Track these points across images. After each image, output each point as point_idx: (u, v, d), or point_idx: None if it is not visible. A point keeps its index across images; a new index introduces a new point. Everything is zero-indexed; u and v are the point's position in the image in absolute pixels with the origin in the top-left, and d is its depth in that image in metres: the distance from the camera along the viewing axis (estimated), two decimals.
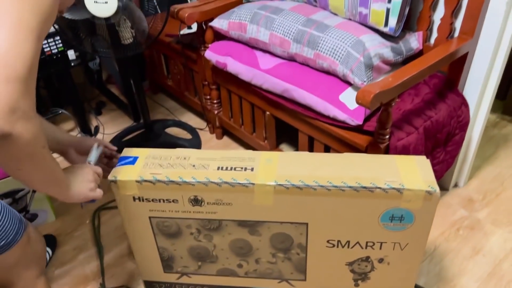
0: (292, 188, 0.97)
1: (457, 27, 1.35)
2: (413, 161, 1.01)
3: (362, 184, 0.95)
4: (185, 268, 1.22)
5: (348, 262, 1.10)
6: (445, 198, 1.65)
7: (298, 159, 1.05)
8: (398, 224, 1.00)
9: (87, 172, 0.91)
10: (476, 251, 1.43)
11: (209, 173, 1.01)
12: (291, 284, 1.21)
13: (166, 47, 2.00)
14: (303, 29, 1.37)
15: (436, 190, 0.94)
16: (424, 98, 1.37)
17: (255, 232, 1.09)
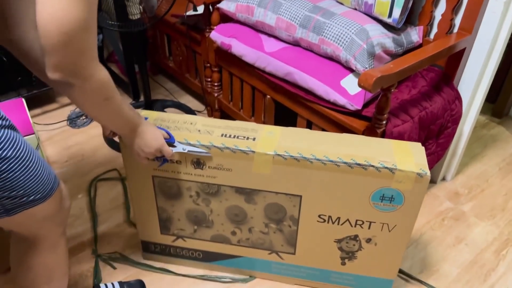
0: (290, 159, 1.02)
1: (456, 24, 1.41)
2: (408, 146, 1.07)
3: (357, 161, 1.00)
4: (181, 231, 1.27)
5: (337, 239, 1.15)
6: (433, 190, 1.71)
7: (299, 134, 1.10)
8: (388, 205, 1.05)
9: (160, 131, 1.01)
10: (459, 240, 1.50)
11: (213, 138, 1.07)
12: (280, 257, 1.25)
13: (171, 28, 2.02)
14: (309, 15, 1.42)
15: (427, 173, 0.98)
16: (421, 90, 1.43)
17: (251, 200, 1.13)
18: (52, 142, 1.89)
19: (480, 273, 1.38)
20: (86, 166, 1.75)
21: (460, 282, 1.35)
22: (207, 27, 1.79)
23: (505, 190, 1.73)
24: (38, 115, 2.06)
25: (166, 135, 1.04)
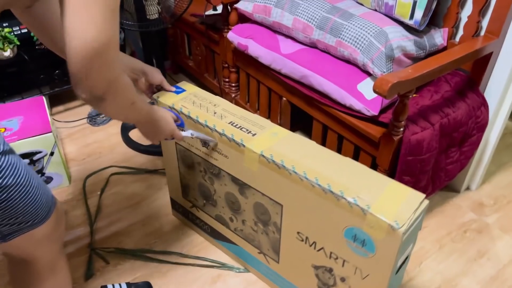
0: (272, 164, 1.00)
1: (483, 26, 1.33)
2: (406, 192, 0.91)
3: (332, 188, 0.92)
4: (195, 200, 1.36)
5: (314, 265, 1.09)
6: (456, 200, 1.63)
7: (301, 144, 1.06)
8: (360, 248, 0.94)
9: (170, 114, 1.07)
10: (481, 254, 1.42)
11: (220, 123, 1.11)
12: (267, 260, 1.24)
13: (190, 27, 2.01)
14: (327, 16, 1.37)
15: (400, 227, 0.83)
16: (444, 95, 1.36)
17: (243, 193, 1.15)
18: (71, 140, 1.92)
19: None
20: (102, 164, 1.77)
21: None
22: (225, 27, 1.77)
23: None
24: (60, 112, 2.09)
25: (176, 118, 1.13)
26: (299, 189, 0.98)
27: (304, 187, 0.97)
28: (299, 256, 1.11)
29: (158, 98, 1.22)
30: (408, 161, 1.23)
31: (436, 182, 1.42)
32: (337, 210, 0.93)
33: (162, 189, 1.65)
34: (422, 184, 1.34)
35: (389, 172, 1.28)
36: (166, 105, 1.20)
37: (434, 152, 1.28)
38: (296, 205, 1.02)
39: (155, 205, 1.58)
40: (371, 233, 0.89)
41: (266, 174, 1.04)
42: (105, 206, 1.58)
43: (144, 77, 1.17)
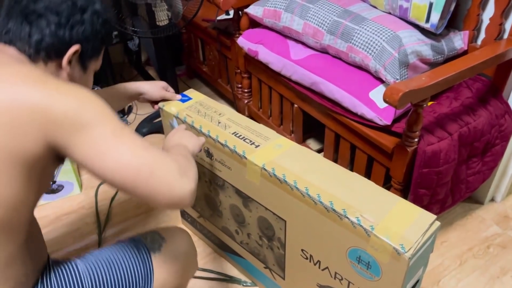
0: (274, 178, 0.96)
1: (506, 29, 1.24)
2: (416, 212, 0.85)
3: (334, 206, 0.86)
4: (202, 211, 1.33)
5: (319, 284, 1.03)
6: (479, 212, 1.54)
7: (305, 157, 1.01)
8: (364, 270, 0.87)
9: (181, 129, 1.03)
10: (505, 271, 1.33)
11: (223, 133, 1.08)
12: (273, 276, 1.19)
13: (203, 32, 1.99)
14: (338, 20, 1.31)
15: (406, 252, 0.77)
16: (464, 103, 1.27)
17: (247, 206, 1.11)
18: None
19: None
20: None
21: None
22: (236, 32, 1.73)
23: None
24: None
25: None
26: (302, 206, 0.93)
27: (306, 203, 0.92)
28: (305, 274, 1.06)
29: (164, 107, 1.19)
30: (424, 174, 1.16)
31: (456, 194, 1.33)
32: (340, 229, 0.87)
33: None
34: (440, 196, 1.26)
35: (404, 184, 1.21)
36: (171, 114, 1.17)
37: (453, 163, 1.20)
38: (299, 221, 0.97)
39: (164, 214, 1.56)
40: (376, 256, 0.83)
41: (268, 188, 1.00)
42: (114, 215, 1.57)
43: (141, 97, 1.17)
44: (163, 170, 0.69)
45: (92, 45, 0.80)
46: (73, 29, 0.76)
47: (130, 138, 0.70)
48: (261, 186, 1.01)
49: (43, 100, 0.65)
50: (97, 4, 0.80)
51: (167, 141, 0.97)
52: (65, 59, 0.76)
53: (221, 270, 1.35)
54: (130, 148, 0.69)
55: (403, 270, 0.79)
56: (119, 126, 0.69)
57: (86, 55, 0.80)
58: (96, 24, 0.79)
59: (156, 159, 0.70)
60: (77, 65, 0.80)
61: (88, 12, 0.78)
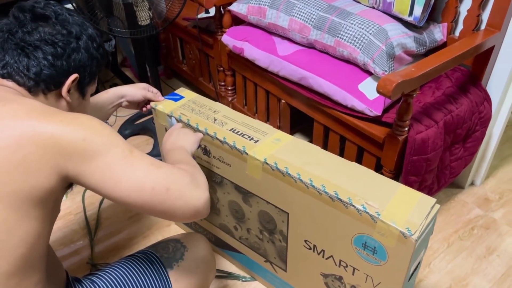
0: (277, 171, 0.97)
1: (484, 20, 1.31)
2: (416, 197, 0.88)
3: (339, 195, 0.89)
4: None
5: (322, 273, 1.05)
6: (461, 196, 1.61)
7: (305, 149, 1.03)
8: (370, 256, 0.90)
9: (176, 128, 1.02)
10: (491, 251, 1.40)
11: (221, 130, 1.08)
12: (274, 269, 1.20)
13: (183, 31, 1.98)
14: (324, 16, 1.34)
15: (412, 235, 0.80)
16: (446, 92, 1.33)
17: (247, 201, 1.12)
18: None
19: None
20: None
21: None
22: (219, 30, 1.73)
23: None
24: None
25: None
26: (305, 197, 0.95)
27: (310, 194, 0.94)
28: (307, 264, 1.08)
29: (156, 107, 1.18)
30: (414, 161, 1.20)
31: (441, 180, 1.39)
32: (345, 217, 0.90)
33: None
34: (428, 183, 1.32)
35: (395, 173, 1.25)
36: (164, 113, 1.16)
37: (439, 150, 1.26)
38: (303, 213, 0.99)
39: None
40: (382, 241, 0.86)
41: (270, 182, 1.01)
42: (104, 219, 1.54)
43: (125, 99, 1.17)
44: (177, 184, 0.71)
45: (89, 71, 0.81)
46: (70, 58, 0.76)
47: (140, 158, 0.71)
48: (262, 180, 1.03)
49: (52, 133, 0.66)
50: (90, 28, 0.80)
51: (164, 144, 0.97)
52: (65, 89, 0.77)
53: (219, 267, 1.35)
54: (142, 169, 0.70)
55: (410, 253, 0.83)
56: (127, 149, 0.70)
57: (84, 82, 0.81)
58: (91, 49, 0.80)
59: (169, 175, 0.71)
60: (76, 92, 0.81)
61: (83, 39, 0.78)
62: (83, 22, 0.80)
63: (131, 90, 1.17)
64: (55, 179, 0.66)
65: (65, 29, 0.76)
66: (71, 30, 0.76)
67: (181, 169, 0.75)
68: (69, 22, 0.77)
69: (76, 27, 0.77)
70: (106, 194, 0.69)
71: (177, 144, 0.94)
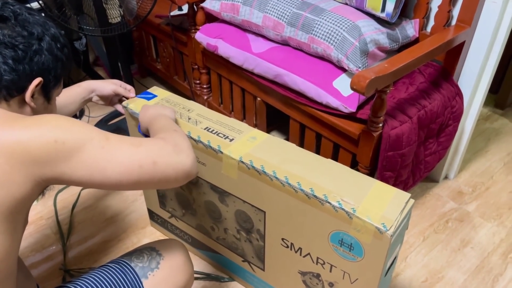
0: (253, 170, 0.96)
1: (454, 15, 1.32)
2: (391, 192, 0.89)
3: (315, 192, 0.88)
4: (174, 210, 1.30)
5: (300, 271, 1.05)
6: (435, 189, 1.63)
7: (280, 147, 1.02)
8: (347, 252, 0.90)
9: (150, 105, 1.03)
10: (465, 244, 1.42)
11: (195, 129, 1.06)
12: (252, 268, 1.20)
13: (156, 29, 1.94)
14: (297, 12, 1.33)
15: (388, 230, 0.80)
16: (419, 87, 1.34)
17: (223, 201, 1.10)
18: None
19: (487, 278, 1.31)
20: None
21: None
22: (192, 28, 1.70)
23: (511, 186, 1.65)
24: None
25: None
26: (282, 195, 0.94)
27: (286, 192, 0.93)
28: (285, 262, 1.07)
29: (128, 105, 1.15)
30: (389, 157, 1.21)
31: (416, 175, 1.41)
32: (321, 214, 0.89)
33: (137, 200, 1.57)
34: (403, 178, 1.33)
35: (370, 169, 1.25)
36: (136, 112, 1.13)
37: (413, 145, 1.27)
38: (280, 211, 0.98)
39: (131, 218, 1.51)
40: (358, 237, 0.86)
41: (246, 180, 1.00)
42: (77, 223, 1.49)
43: (95, 93, 1.15)
44: (162, 156, 0.72)
45: (54, 74, 0.76)
46: (32, 61, 0.71)
47: (119, 142, 0.70)
48: (239, 179, 1.01)
49: (19, 140, 0.62)
50: (53, 28, 0.76)
51: (143, 117, 0.97)
52: (28, 94, 0.72)
53: (198, 269, 1.33)
54: (124, 152, 0.70)
55: (385, 248, 0.83)
56: (103, 137, 0.69)
57: (49, 86, 0.77)
58: (55, 51, 0.75)
59: (150, 150, 0.72)
60: (40, 97, 0.77)
61: (45, 40, 0.73)
62: (45, 22, 0.75)
63: (101, 85, 1.15)
64: (30, 187, 0.64)
65: (26, 30, 0.71)
66: (32, 31, 0.72)
67: (161, 139, 0.76)
68: (30, 22, 0.72)
69: (38, 27, 0.73)
70: (96, 185, 0.69)
71: (158, 113, 0.96)
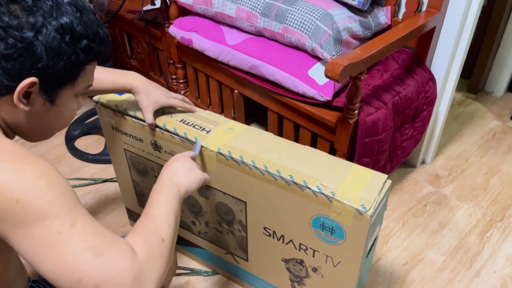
0: (231, 160, 0.96)
1: (425, 2, 1.34)
2: (368, 175, 0.90)
3: (294, 179, 0.88)
4: None
5: (284, 258, 1.06)
6: (413, 174, 1.66)
7: (258, 137, 1.02)
8: (329, 236, 0.91)
9: (181, 158, 0.87)
10: (443, 225, 1.45)
11: (170, 121, 1.04)
12: (235, 260, 1.20)
13: (129, 25, 1.91)
14: (270, 2, 1.33)
15: (367, 211, 0.82)
16: (393, 74, 1.36)
17: (203, 194, 1.10)
18: None
19: (465, 258, 1.34)
20: None
21: (446, 270, 1.31)
22: (166, 22, 1.68)
23: (486, 168, 1.69)
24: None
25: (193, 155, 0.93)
26: (262, 184, 0.94)
27: (266, 181, 0.93)
28: (268, 251, 1.08)
29: (100, 100, 1.11)
30: (366, 143, 1.22)
31: (393, 161, 1.43)
32: (302, 200, 0.90)
33: (117, 198, 1.55)
34: (381, 164, 1.35)
35: (348, 156, 1.27)
36: (109, 107, 1.11)
37: (390, 131, 1.29)
38: (260, 200, 0.98)
39: (111, 216, 1.49)
40: (339, 220, 0.87)
41: (225, 172, 0.99)
42: None
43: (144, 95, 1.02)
44: (112, 285, 0.56)
45: (56, 73, 0.62)
46: (22, 57, 0.59)
47: (80, 237, 0.57)
48: (217, 171, 1.01)
49: None
50: (66, 16, 0.61)
51: (163, 170, 0.84)
52: (15, 97, 0.61)
53: (181, 264, 1.32)
54: (76, 252, 0.56)
55: (366, 229, 0.84)
56: (69, 222, 0.57)
57: (50, 86, 0.64)
58: (58, 45, 0.61)
59: (105, 270, 0.57)
60: (40, 98, 0.64)
61: (44, 32, 0.59)
62: (59, 6, 0.61)
63: (164, 100, 1.02)
64: None
65: (29, 16, 0.59)
66: (29, 20, 0.59)
67: (130, 254, 0.60)
68: (39, 6, 0.60)
69: (41, 14, 0.59)
70: (32, 266, 0.58)
71: (174, 180, 0.81)
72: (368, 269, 1.07)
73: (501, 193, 1.58)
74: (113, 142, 1.18)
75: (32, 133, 0.71)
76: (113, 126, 1.14)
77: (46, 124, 0.70)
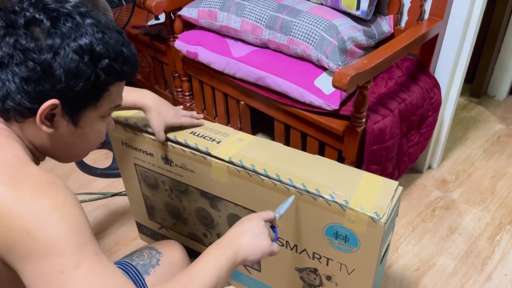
0: (243, 172, 0.97)
1: (427, 10, 1.36)
2: (379, 182, 0.91)
3: (307, 187, 0.89)
4: (163, 221, 1.29)
5: (297, 268, 1.06)
6: (420, 180, 1.67)
7: (268, 147, 1.03)
8: (343, 244, 0.92)
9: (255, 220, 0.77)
10: (452, 230, 1.46)
11: (181, 133, 1.05)
12: (248, 270, 1.20)
13: (134, 39, 1.93)
14: (275, 15, 1.35)
15: (381, 218, 0.82)
16: (398, 81, 1.38)
17: (215, 206, 1.10)
18: None
19: (476, 262, 1.35)
20: None
21: (458, 275, 1.31)
22: (171, 36, 1.71)
23: (492, 172, 1.70)
24: None
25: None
26: (274, 194, 0.95)
27: (278, 191, 0.94)
28: (281, 261, 1.08)
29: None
30: (374, 150, 1.24)
31: (401, 167, 1.44)
32: (315, 209, 0.91)
33: (126, 212, 1.56)
34: (389, 171, 1.36)
35: (356, 163, 1.28)
36: (119, 122, 1.12)
37: (397, 138, 1.30)
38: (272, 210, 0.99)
39: (121, 230, 1.50)
40: (353, 228, 0.88)
41: (237, 183, 1.00)
42: None
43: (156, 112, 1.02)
44: None
45: (77, 94, 0.62)
46: (42, 79, 0.59)
47: (83, 281, 0.54)
48: (229, 183, 1.02)
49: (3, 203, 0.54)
50: (87, 37, 0.61)
51: (232, 228, 0.77)
52: (38, 119, 0.61)
53: None
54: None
55: (380, 236, 0.85)
56: (73, 261, 0.54)
57: (72, 107, 0.63)
58: (77, 66, 0.60)
59: None
60: (63, 120, 0.64)
61: (62, 53, 0.59)
62: (78, 27, 0.61)
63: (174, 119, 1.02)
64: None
65: (48, 39, 0.59)
66: (48, 42, 0.59)
67: None
68: (58, 27, 0.60)
69: (59, 36, 0.59)
70: None
71: (235, 242, 0.73)
72: (381, 275, 1.07)
73: (508, 196, 1.59)
74: (122, 156, 1.20)
75: (59, 154, 0.71)
76: (123, 142, 1.15)
77: (71, 146, 0.70)
